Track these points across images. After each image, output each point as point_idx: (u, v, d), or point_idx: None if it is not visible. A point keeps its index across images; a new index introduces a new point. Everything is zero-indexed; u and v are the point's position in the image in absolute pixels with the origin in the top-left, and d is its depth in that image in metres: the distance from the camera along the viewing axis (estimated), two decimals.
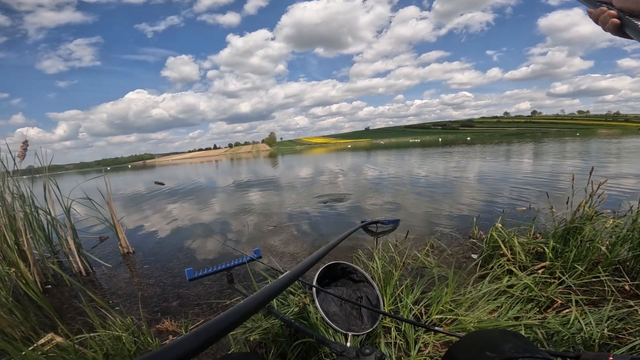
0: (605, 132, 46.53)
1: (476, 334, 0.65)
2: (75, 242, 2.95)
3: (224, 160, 49.44)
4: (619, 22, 0.50)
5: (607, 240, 1.97)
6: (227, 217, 4.99)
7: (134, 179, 18.91)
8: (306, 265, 0.75)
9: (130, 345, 1.44)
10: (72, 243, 2.92)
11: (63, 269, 2.98)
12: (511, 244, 2.11)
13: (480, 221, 3.29)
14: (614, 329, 1.25)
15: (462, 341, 0.65)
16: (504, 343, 0.57)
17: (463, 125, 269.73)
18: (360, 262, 2.24)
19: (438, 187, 6.19)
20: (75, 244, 2.94)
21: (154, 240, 3.96)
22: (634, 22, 0.48)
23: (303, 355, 1.33)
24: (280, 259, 2.86)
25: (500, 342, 0.57)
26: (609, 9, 0.52)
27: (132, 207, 6.97)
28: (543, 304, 1.57)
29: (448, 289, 1.56)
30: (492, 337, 0.61)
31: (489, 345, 0.58)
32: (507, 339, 0.58)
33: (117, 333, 1.45)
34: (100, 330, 1.46)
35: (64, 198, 3.07)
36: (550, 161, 9.96)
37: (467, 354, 0.59)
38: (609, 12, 0.51)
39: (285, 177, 10.96)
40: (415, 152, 22.29)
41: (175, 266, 2.92)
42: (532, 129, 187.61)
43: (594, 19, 0.55)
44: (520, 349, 0.54)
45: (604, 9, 0.52)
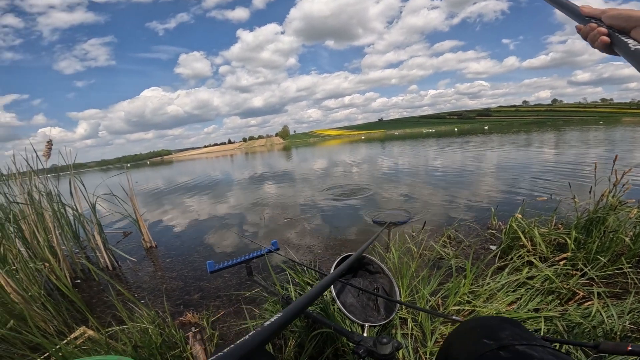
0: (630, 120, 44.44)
1: (474, 320, 0.66)
2: (101, 237, 3.06)
3: (239, 154, 50.01)
4: (608, 40, 0.48)
5: (631, 231, 1.90)
6: (244, 210, 5.08)
7: (153, 175, 19.40)
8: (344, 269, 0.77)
9: (157, 337, 1.49)
10: (98, 238, 3.02)
11: (91, 264, 3.11)
12: (531, 234, 2.06)
13: (498, 212, 3.24)
14: (636, 322, 1.22)
15: (460, 328, 0.66)
16: (501, 330, 0.57)
17: (480, 114, 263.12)
18: (376, 253, 2.25)
19: (455, 178, 6.10)
20: (101, 239, 3.04)
21: (174, 234, 4.07)
22: (624, 41, 0.46)
23: (320, 346, 1.35)
24: (297, 251, 2.90)
25: (498, 329, 0.58)
26: (599, 25, 0.50)
27: (152, 203, 7.17)
28: (564, 296, 1.54)
29: (466, 280, 1.55)
30: (490, 324, 0.61)
31: (486, 332, 0.58)
32: (504, 327, 0.59)
33: (144, 325, 1.51)
34: (129, 323, 1.52)
35: (90, 195, 3.18)
36: (572, 150, 9.63)
37: (465, 341, 0.60)
38: (599, 29, 0.49)
39: (299, 170, 11.02)
40: (430, 142, 21.95)
41: (196, 259, 3.01)
42: (552, 118, 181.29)
43: (583, 36, 0.53)
44: (518, 337, 0.54)
45: (594, 26, 0.50)
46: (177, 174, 17.95)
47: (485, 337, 0.57)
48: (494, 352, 0.52)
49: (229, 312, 1.96)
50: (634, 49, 0.43)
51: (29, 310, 1.74)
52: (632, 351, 0.48)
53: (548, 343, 0.54)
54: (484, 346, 0.54)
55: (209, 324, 1.80)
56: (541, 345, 0.52)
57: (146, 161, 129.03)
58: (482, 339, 0.56)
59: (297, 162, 16.34)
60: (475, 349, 0.55)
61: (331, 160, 14.61)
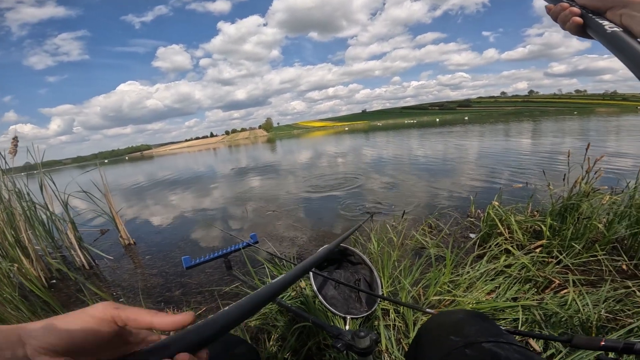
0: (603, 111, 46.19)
1: (444, 314, 0.65)
2: (75, 236, 2.95)
3: (222, 147, 49.22)
4: (581, 21, 0.44)
5: (604, 217, 1.96)
6: (227, 204, 5.01)
7: (132, 171, 18.88)
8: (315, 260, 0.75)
9: None
10: (72, 237, 2.92)
11: (67, 263, 3.00)
12: (508, 222, 2.11)
13: (478, 199, 3.30)
14: (612, 310, 1.25)
15: (429, 322, 0.65)
16: (469, 326, 0.56)
17: (460, 105, 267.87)
18: (358, 244, 2.25)
19: (435, 167, 6.19)
20: (75, 238, 2.94)
21: (155, 230, 3.98)
22: (599, 22, 0.41)
23: (303, 339, 1.34)
24: (280, 244, 2.88)
25: (465, 325, 0.57)
26: (571, 5, 0.45)
27: (132, 199, 6.98)
28: (541, 285, 1.57)
29: (446, 270, 1.57)
30: (458, 319, 0.61)
31: (454, 328, 0.57)
32: (472, 322, 0.58)
33: None
34: None
35: (61, 193, 3.06)
36: (548, 139, 9.94)
37: (433, 337, 0.59)
38: (571, 9, 0.44)
39: (283, 162, 10.94)
40: (412, 133, 22.19)
41: (177, 255, 2.94)
42: (529, 108, 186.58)
43: (553, 17, 0.48)
44: (485, 333, 0.54)
45: (565, 5, 0.45)
46: (158, 169, 17.55)
47: (452, 333, 0.56)
48: (460, 350, 0.51)
49: (211, 307, 1.92)
50: (610, 31, 0.39)
51: (1, 312, 1.67)
52: (605, 346, 0.48)
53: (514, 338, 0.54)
54: (450, 343, 0.54)
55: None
56: (508, 342, 0.51)
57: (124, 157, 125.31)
58: (449, 335, 0.56)
59: (282, 154, 16.23)
60: (442, 345, 0.55)
61: (315, 151, 14.57)
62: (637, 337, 1.05)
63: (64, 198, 3.08)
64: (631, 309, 1.22)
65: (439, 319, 0.64)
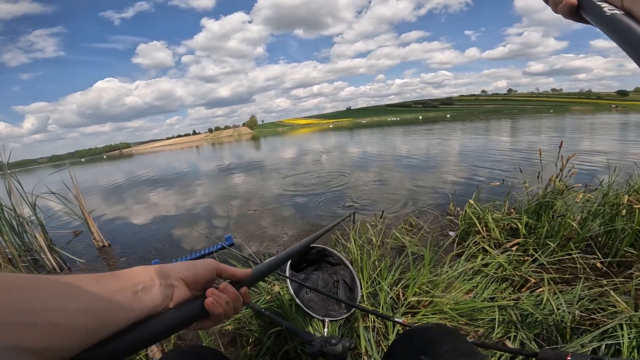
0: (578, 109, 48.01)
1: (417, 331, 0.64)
2: (45, 238, 2.84)
3: (205, 145, 48.39)
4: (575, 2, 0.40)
5: (578, 215, 1.99)
6: (208, 203, 4.90)
7: (110, 170, 18.33)
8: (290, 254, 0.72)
9: None
10: (41, 240, 2.80)
11: (38, 267, 2.87)
12: (486, 220, 2.12)
13: (457, 197, 3.35)
14: (586, 309, 1.26)
15: (402, 338, 0.64)
16: (440, 345, 0.55)
17: (443, 103, 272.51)
18: (339, 244, 2.23)
19: (417, 165, 6.25)
20: (45, 241, 2.82)
21: (131, 232, 3.85)
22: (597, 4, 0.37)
23: (281, 341, 1.31)
24: (261, 244, 2.83)
25: (437, 344, 0.56)
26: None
27: (109, 199, 6.76)
28: (517, 283, 1.58)
29: (424, 270, 1.56)
30: (430, 336, 0.60)
31: (425, 347, 0.56)
32: (444, 340, 0.57)
33: None
34: None
35: (29, 194, 2.95)
36: (525, 137, 10.22)
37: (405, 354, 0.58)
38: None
39: (267, 160, 10.83)
40: (396, 130, 22.41)
41: (154, 257, 2.85)
42: (508, 106, 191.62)
43: None
44: (456, 353, 0.53)
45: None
46: (138, 167, 17.07)
47: (423, 352, 0.55)
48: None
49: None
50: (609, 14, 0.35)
51: None
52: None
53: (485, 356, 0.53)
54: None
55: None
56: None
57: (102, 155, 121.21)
58: (419, 355, 0.55)
59: (266, 152, 16.09)
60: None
61: (300, 149, 14.50)
62: (610, 339, 1.06)
63: (32, 200, 2.95)
64: (605, 308, 1.22)
65: (412, 335, 0.63)
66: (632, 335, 1.03)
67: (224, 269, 0.47)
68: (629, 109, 43.44)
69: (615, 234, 1.78)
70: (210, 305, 0.42)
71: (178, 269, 0.43)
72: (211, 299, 0.42)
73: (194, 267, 0.44)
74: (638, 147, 6.22)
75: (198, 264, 0.45)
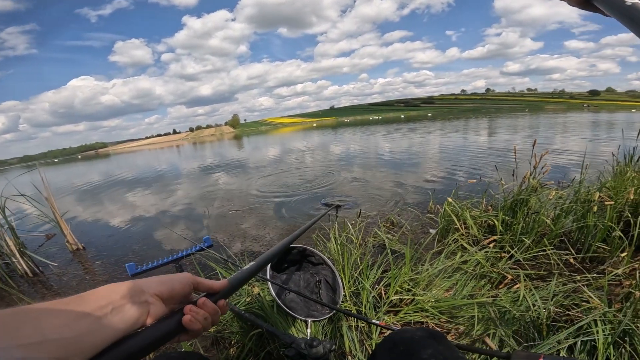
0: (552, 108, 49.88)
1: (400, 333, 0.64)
2: (15, 242, 2.75)
3: (186, 144, 47.41)
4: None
5: (552, 212, 2.05)
6: (187, 204, 4.81)
7: (85, 170, 17.71)
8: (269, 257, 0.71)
9: None
10: (11, 243, 2.71)
11: (10, 270, 2.75)
12: (464, 217, 2.17)
13: (436, 194, 3.41)
14: (561, 305, 1.29)
15: (385, 342, 0.64)
16: (424, 349, 0.56)
17: (424, 102, 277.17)
18: (320, 243, 2.22)
19: (398, 163, 6.33)
20: (15, 244, 2.73)
21: (106, 234, 3.73)
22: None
23: (263, 343, 1.29)
24: (242, 244, 2.79)
25: (420, 348, 0.56)
26: None
27: (83, 200, 6.53)
28: (495, 280, 1.61)
29: (405, 268, 1.58)
30: (414, 339, 0.60)
31: (407, 352, 0.57)
32: (427, 344, 0.57)
33: None
34: None
35: None
36: (501, 135, 10.53)
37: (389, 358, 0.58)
38: None
39: (249, 160, 10.70)
40: (379, 129, 22.63)
41: (131, 259, 2.77)
42: (486, 105, 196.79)
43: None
44: (440, 356, 0.54)
45: None
46: (115, 167, 16.56)
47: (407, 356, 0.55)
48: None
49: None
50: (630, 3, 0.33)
51: None
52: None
53: None
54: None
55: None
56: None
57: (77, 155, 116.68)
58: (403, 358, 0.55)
59: (248, 151, 15.90)
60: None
61: (283, 148, 14.43)
62: (586, 335, 1.09)
63: (1, 202, 2.82)
64: (580, 304, 1.26)
65: (396, 338, 0.63)
66: (606, 331, 1.06)
67: (200, 282, 0.46)
68: (600, 108, 45.55)
69: (587, 230, 1.85)
70: (189, 322, 0.40)
71: (152, 284, 0.41)
72: (189, 316, 0.41)
73: (169, 282, 0.42)
74: (608, 145, 6.51)
75: (174, 279, 0.43)
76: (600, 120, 15.47)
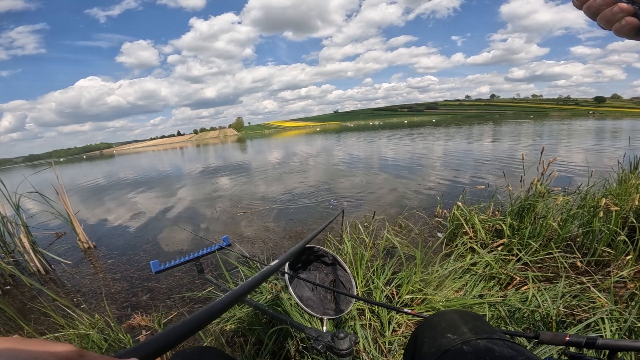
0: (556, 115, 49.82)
1: (438, 315, 0.69)
2: (29, 239, 2.77)
3: (190, 146, 47.68)
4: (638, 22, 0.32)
5: (558, 217, 2.11)
6: (195, 205, 4.86)
7: (91, 171, 17.86)
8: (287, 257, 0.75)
9: (101, 342, 1.39)
10: (25, 241, 2.74)
11: (20, 268, 2.80)
12: (472, 222, 2.22)
13: (444, 199, 3.46)
14: (568, 305, 1.34)
15: (425, 323, 0.69)
16: (464, 324, 0.60)
17: (428, 107, 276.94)
18: (331, 245, 2.28)
19: (405, 168, 6.36)
20: (29, 242, 2.76)
21: (117, 233, 3.79)
22: None
23: (281, 341, 1.34)
24: (252, 245, 2.85)
25: (461, 324, 0.61)
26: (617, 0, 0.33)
27: (92, 200, 6.60)
28: (503, 281, 1.67)
29: (417, 269, 1.63)
30: (453, 318, 0.64)
31: (450, 327, 0.61)
32: (466, 321, 0.62)
33: (84, 331, 1.39)
34: (67, 330, 1.40)
35: (12, 193, 2.87)
36: (507, 142, 10.54)
37: (431, 336, 0.62)
38: (621, 5, 0.32)
39: (254, 162, 10.78)
40: (383, 134, 22.66)
41: (143, 259, 2.83)
42: (490, 112, 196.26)
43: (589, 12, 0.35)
44: (479, 330, 0.58)
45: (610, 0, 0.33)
46: (120, 168, 16.69)
47: (449, 331, 0.59)
48: (458, 347, 0.55)
49: (182, 312, 1.87)
50: None
51: None
52: (570, 342, 0.52)
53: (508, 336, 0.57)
54: (448, 341, 0.57)
55: (161, 326, 1.71)
56: (501, 339, 0.55)
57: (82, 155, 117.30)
58: (446, 334, 0.59)
59: (252, 154, 16.00)
60: (440, 344, 0.57)
61: (287, 152, 14.51)
62: (594, 332, 1.14)
63: (16, 199, 2.88)
64: (587, 304, 1.31)
65: (434, 320, 0.67)
66: (613, 328, 1.11)
67: None
68: (605, 116, 45.44)
69: (593, 234, 1.90)
70: None
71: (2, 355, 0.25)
72: None
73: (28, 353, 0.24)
74: (613, 152, 6.54)
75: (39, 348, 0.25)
76: (605, 128, 15.45)
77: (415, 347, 0.65)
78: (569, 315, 1.30)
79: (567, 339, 0.53)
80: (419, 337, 0.65)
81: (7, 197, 2.85)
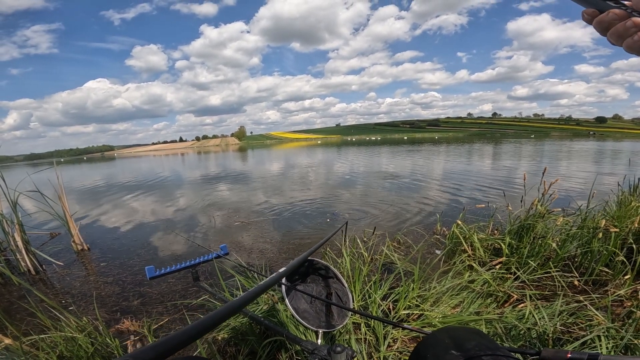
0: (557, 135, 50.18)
1: (442, 331, 0.67)
2: (22, 238, 2.75)
3: (191, 153, 47.87)
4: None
5: (557, 237, 2.10)
6: (193, 212, 4.85)
7: (91, 172, 17.88)
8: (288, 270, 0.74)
9: (87, 346, 1.36)
10: (19, 239, 2.72)
11: (11, 267, 2.76)
12: (471, 240, 2.21)
13: (443, 217, 3.45)
14: (565, 323, 1.33)
15: (428, 339, 0.67)
16: (468, 341, 0.59)
17: (430, 124, 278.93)
18: (329, 258, 2.26)
19: (404, 186, 6.37)
20: (22, 241, 2.74)
21: (112, 237, 3.77)
22: None
23: (274, 353, 1.32)
24: (249, 255, 2.82)
25: (465, 341, 0.60)
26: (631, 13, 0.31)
27: (88, 202, 6.59)
28: (501, 299, 1.65)
29: (414, 285, 1.61)
30: (457, 335, 0.63)
31: (454, 344, 0.60)
32: (471, 337, 0.61)
33: (70, 334, 1.37)
34: (53, 332, 1.38)
35: (10, 191, 2.86)
36: (508, 162, 10.58)
37: (434, 352, 0.61)
38: (635, 20, 0.31)
39: (254, 171, 10.81)
40: (384, 150, 22.77)
41: (136, 263, 2.80)
42: (492, 130, 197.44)
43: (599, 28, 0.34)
44: (484, 347, 0.57)
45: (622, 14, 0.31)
46: (120, 171, 16.72)
47: (453, 348, 0.58)
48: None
49: (174, 319, 1.85)
50: None
51: None
52: (572, 358, 0.51)
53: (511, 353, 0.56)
54: (452, 357, 0.56)
55: (151, 332, 1.68)
56: (505, 356, 0.54)
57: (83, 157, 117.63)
58: (450, 350, 0.58)
59: (253, 163, 16.05)
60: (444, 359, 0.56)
61: (287, 163, 14.55)
62: (590, 349, 1.13)
63: (14, 197, 2.86)
64: (584, 322, 1.30)
65: (438, 336, 0.66)
66: (609, 345, 1.10)
67: None
68: (605, 137, 45.74)
69: (591, 254, 1.91)
70: None
71: None
72: None
73: None
74: (613, 174, 6.55)
75: None
76: (605, 149, 15.53)
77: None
78: (565, 333, 1.29)
79: (569, 356, 0.52)
80: (421, 352, 0.64)
81: (5, 195, 2.84)
